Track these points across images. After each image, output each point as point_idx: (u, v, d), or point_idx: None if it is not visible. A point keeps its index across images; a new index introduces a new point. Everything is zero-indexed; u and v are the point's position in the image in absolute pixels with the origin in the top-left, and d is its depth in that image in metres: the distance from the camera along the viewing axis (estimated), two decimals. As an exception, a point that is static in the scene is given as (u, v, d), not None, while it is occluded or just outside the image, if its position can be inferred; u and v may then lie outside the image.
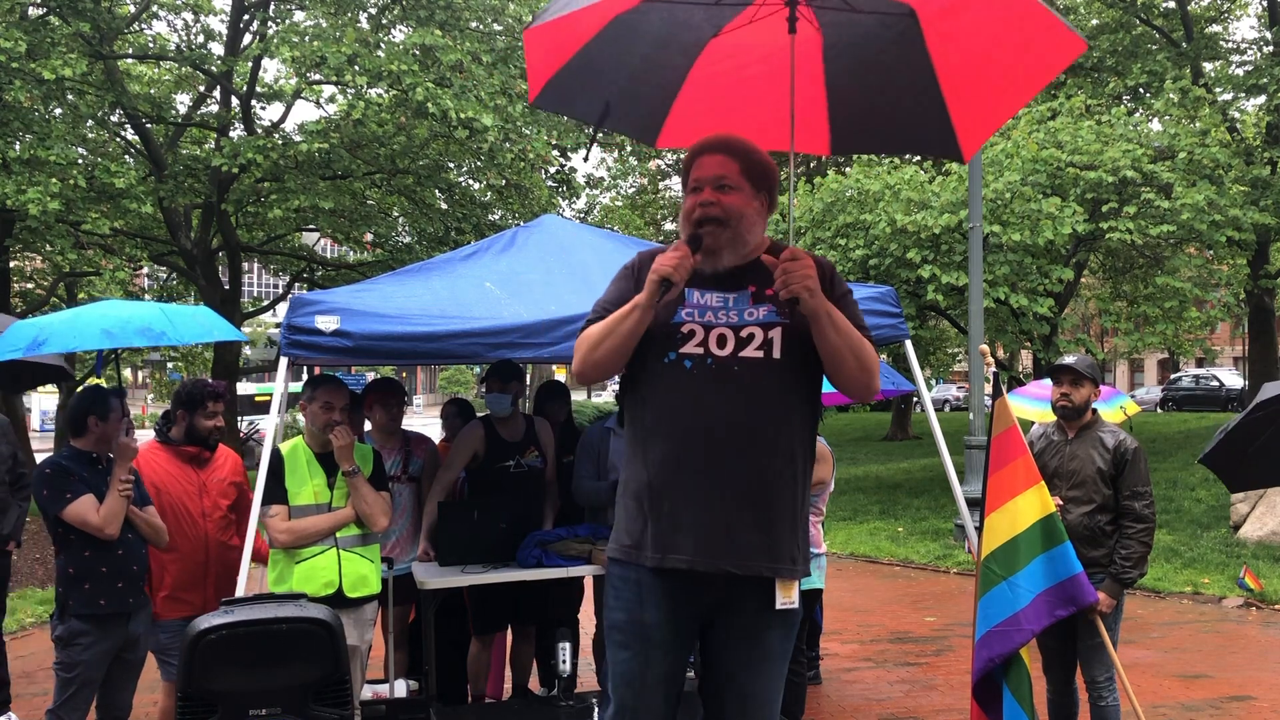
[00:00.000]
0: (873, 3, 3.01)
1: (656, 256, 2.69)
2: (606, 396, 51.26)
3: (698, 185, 2.73)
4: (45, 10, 14.21)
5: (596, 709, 4.73)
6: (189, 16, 17.12)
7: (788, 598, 2.69)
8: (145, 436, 4.89)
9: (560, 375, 18.08)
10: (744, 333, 2.69)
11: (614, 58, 3.12)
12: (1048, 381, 6.61)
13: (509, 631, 5.64)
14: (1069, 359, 4.47)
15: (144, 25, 16.70)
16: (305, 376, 5.39)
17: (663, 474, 2.65)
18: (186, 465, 4.64)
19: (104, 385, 4.76)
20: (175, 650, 4.44)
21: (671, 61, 3.23)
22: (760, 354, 2.67)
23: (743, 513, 2.63)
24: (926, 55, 3.02)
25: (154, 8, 16.46)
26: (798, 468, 2.71)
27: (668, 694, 2.74)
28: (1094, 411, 4.52)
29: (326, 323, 4.36)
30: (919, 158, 22.49)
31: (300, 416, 4.93)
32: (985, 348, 4.97)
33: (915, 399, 20.12)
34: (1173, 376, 38.93)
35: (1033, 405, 8.77)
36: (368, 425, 5.39)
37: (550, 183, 18.65)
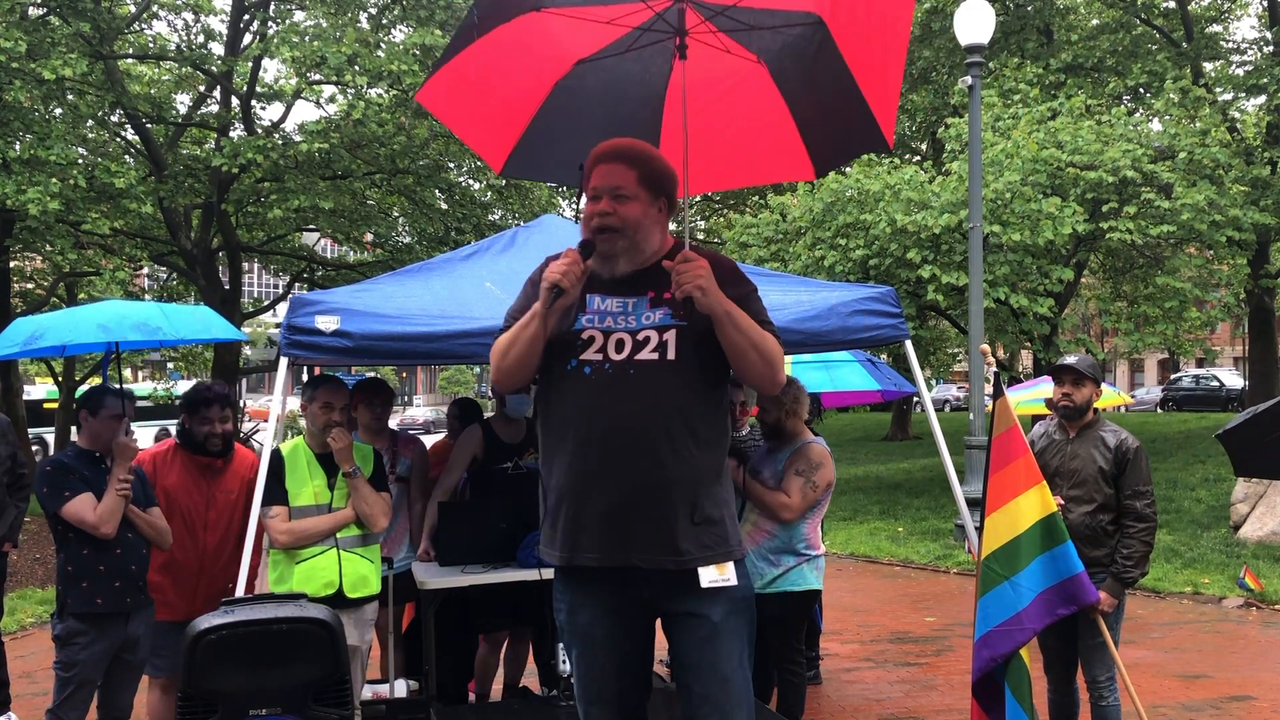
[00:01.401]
0: (772, 16, 3.07)
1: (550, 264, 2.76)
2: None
3: (595, 194, 2.80)
4: (45, 10, 14.21)
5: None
6: (189, 16, 17.13)
7: (720, 574, 2.76)
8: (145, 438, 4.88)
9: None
10: (640, 336, 2.76)
11: (571, 122, 3.22)
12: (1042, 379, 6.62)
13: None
14: (1070, 359, 4.47)
15: (144, 25, 16.71)
16: (305, 377, 5.39)
17: (568, 477, 2.76)
18: (198, 474, 4.59)
19: (106, 384, 4.76)
20: (160, 649, 4.44)
21: (637, 115, 3.30)
22: (655, 356, 2.74)
23: (639, 510, 2.71)
24: (840, 57, 3.08)
25: (154, 8, 16.47)
26: (699, 459, 2.76)
27: (622, 688, 2.85)
28: (1095, 411, 4.52)
29: (326, 323, 4.36)
30: (919, 157, 22.52)
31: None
32: (986, 347, 4.97)
33: (915, 399, 20.13)
34: (1173, 377, 38.94)
35: (1026, 392, 8.81)
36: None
37: (550, 183, 18.65)
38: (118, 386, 4.55)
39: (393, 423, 5.67)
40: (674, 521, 2.72)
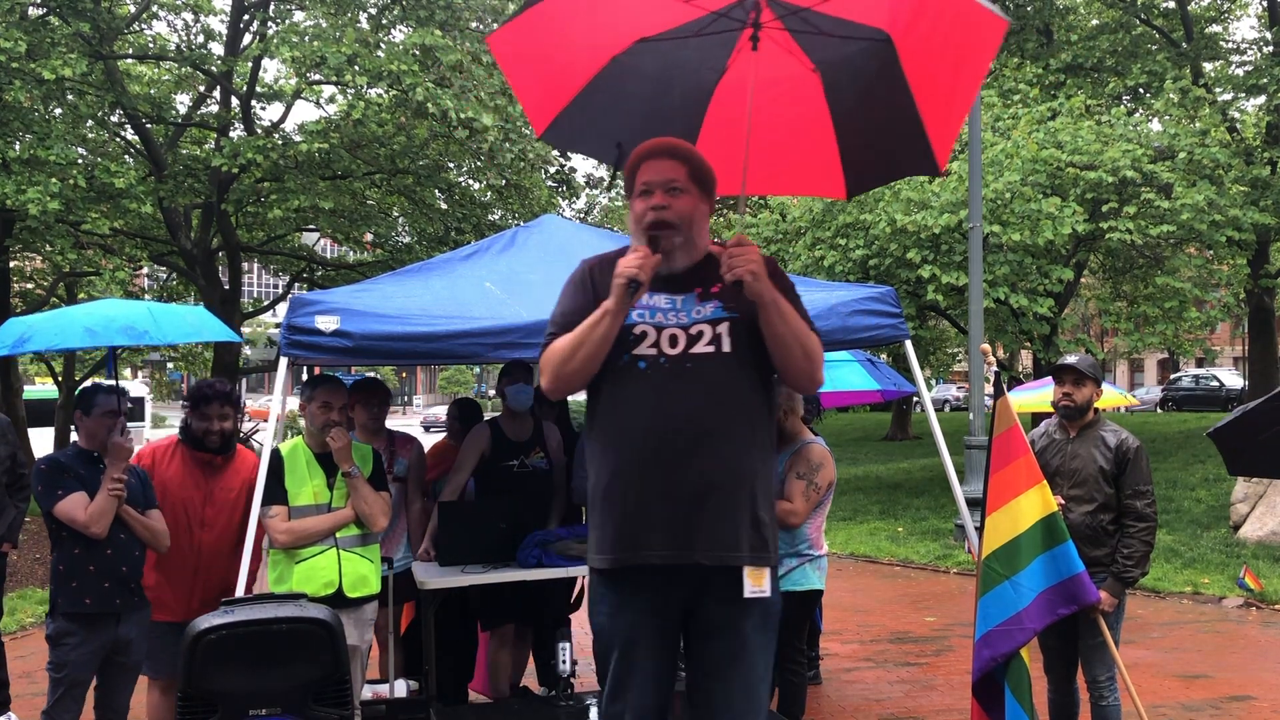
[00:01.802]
0: (842, 26, 3.01)
1: (617, 261, 2.72)
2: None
3: (648, 189, 2.77)
4: (45, 10, 14.20)
5: (594, 708, 4.73)
6: (189, 16, 17.12)
7: (757, 585, 2.73)
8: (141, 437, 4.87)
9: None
10: (693, 330, 2.76)
11: (617, 100, 3.17)
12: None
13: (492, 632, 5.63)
14: (1071, 359, 4.47)
15: (144, 25, 16.70)
16: (305, 376, 5.39)
17: (627, 473, 2.71)
18: (197, 470, 4.57)
19: (103, 383, 4.76)
20: (158, 651, 4.43)
21: (681, 107, 3.26)
22: (711, 349, 2.74)
23: (704, 505, 2.68)
24: (904, 78, 3.04)
25: (154, 8, 16.46)
26: (755, 457, 2.77)
27: (658, 693, 2.78)
28: (1096, 411, 4.52)
29: (326, 323, 4.36)
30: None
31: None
32: (986, 347, 4.97)
33: (915, 399, 20.13)
34: (1173, 377, 38.92)
35: (1032, 394, 8.81)
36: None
37: (550, 183, 18.66)
38: (111, 384, 4.55)
39: (415, 420, 5.67)
40: (737, 519, 2.71)
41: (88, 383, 15.54)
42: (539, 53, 3.06)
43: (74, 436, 4.45)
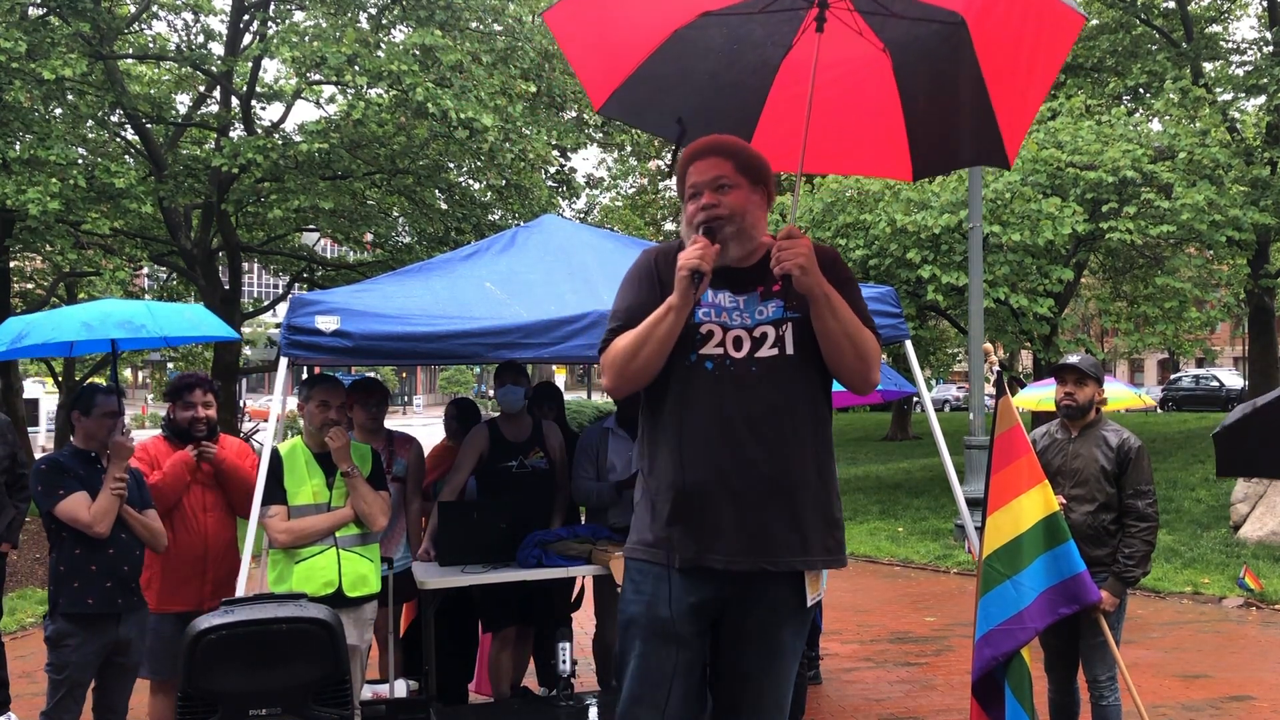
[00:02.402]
0: (914, 8, 2.95)
1: (678, 255, 2.67)
2: (606, 396, 51.16)
3: (696, 191, 2.73)
4: (45, 10, 14.19)
5: (593, 707, 4.73)
6: (189, 16, 17.12)
7: (814, 594, 2.75)
8: (144, 436, 4.88)
9: (560, 376, 18.04)
10: (757, 333, 2.71)
11: (680, 73, 3.10)
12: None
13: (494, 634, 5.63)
14: (1073, 358, 4.47)
15: (144, 25, 16.70)
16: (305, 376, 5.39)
17: (694, 475, 2.65)
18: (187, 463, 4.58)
19: (100, 383, 4.77)
20: (159, 649, 4.43)
21: (745, 82, 3.20)
22: (775, 351, 2.70)
23: (774, 510, 2.65)
24: (977, 64, 2.96)
25: (154, 8, 16.45)
26: (821, 461, 2.74)
27: (686, 689, 2.72)
28: (1098, 410, 4.52)
29: (326, 323, 4.36)
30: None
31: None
32: (989, 346, 4.98)
33: (915, 399, 20.12)
34: (1173, 377, 38.91)
35: (1038, 392, 8.81)
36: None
37: (550, 183, 18.66)
38: (109, 384, 4.55)
39: (416, 420, 5.68)
40: (806, 523, 2.68)
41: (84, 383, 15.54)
42: (598, 22, 2.99)
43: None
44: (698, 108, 3.16)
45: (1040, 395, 9.35)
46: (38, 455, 5.15)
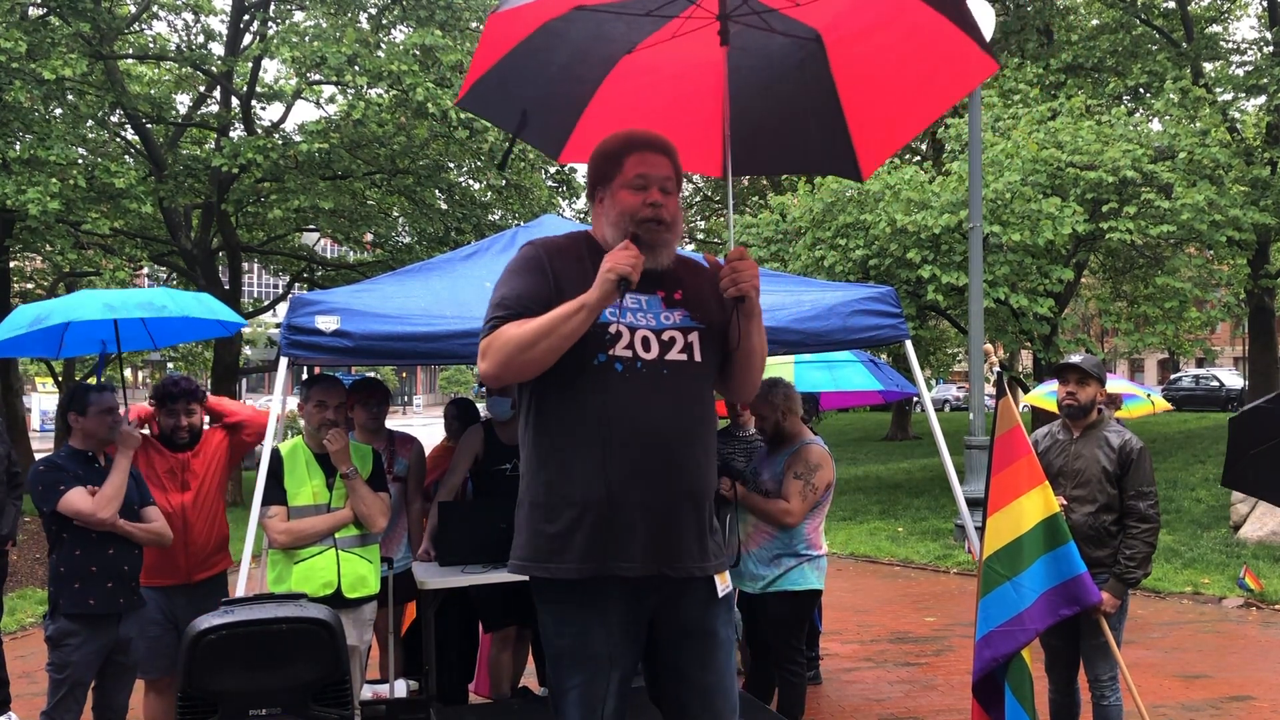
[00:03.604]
0: (784, 23, 3.04)
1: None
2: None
3: (644, 183, 2.66)
4: (45, 10, 14.20)
5: None
6: (189, 17, 17.15)
7: (725, 584, 2.74)
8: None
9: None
10: (664, 336, 2.67)
11: (535, 66, 3.08)
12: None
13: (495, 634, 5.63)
14: (1075, 358, 4.46)
15: (144, 25, 16.71)
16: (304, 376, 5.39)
17: (600, 481, 2.57)
18: (169, 463, 4.60)
19: (90, 384, 4.76)
20: (150, 647, 4.41)
21: (585, 74, 3.21)
22: (684, 357, 2.66)
23: (686, 516, 2.63)
24: (831, 79, 3.06)
25: (154, 8, 16.47)
26: (715, 465, 2.79)
27: (619, 706, 2.67)
28: (1099, 411, 4.51)
29: (326, 323, 4.36)
30: (919, 157, 22.50)
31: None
32: (989, 346, 4.97)
33: (915, 399, 20.12)
34: (1173, 377, 38.91)
35: (1043, 391, 8.82)
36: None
37: (550, 183, 18.66)
38: (99, 382, 4.54)
39: (416, 420, 5.68)
40: (702, 529, 2.67)
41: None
42: (500, 33, 3.01)
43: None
44: (539, 99, 3.16)
45: (1040, 393, 9.35)
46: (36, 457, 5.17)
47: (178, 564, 4.53)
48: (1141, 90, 20.03)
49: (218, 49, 16.55)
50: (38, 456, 4.84)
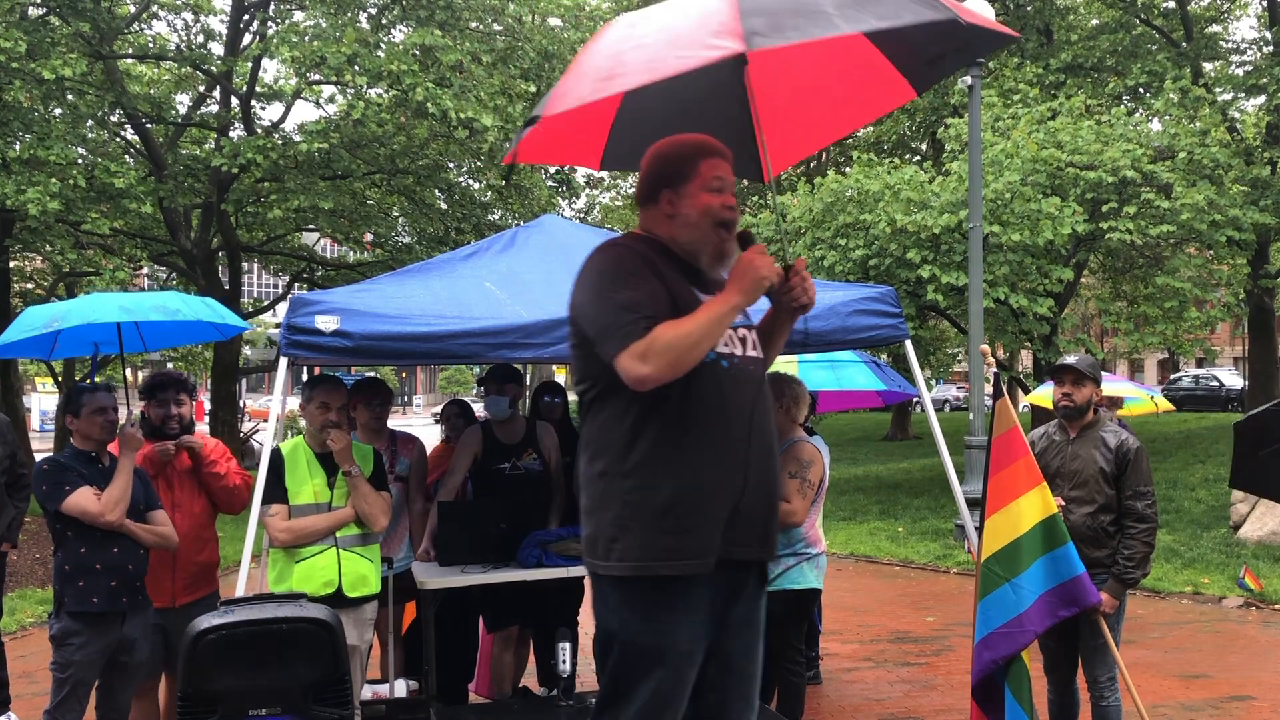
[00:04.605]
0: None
1: (750, 258, 2.65)
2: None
3: (721, 186, 2.76)
4: (45, 10, 14.20)
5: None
6: (189, 16, 17.14)
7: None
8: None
9: (560, 376, 18.06)
10: (739, 333, 2.79)
11: (643, 117, 3.25)
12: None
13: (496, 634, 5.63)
14: (1071, 359, 4.47)
15: (144, 25, 16.70)
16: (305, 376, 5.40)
17: (729, 473, 2.66)
18: (158, 460, 4.57)
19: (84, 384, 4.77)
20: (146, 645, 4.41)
21: (715, 102, 3.33)
22: (756, 353, 2.83)
23: (772, 505, 2.78)
24: (746, 87, 3.12)
25: (154, 8, 16.47)
26: None
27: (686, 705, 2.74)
28: (1096, 411, 4.52)
29: (326, 323, 4.36)
30: (918, 157, 22.50)
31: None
32: (986, 347, 4.97)
33: (915, 399, 20.13)
34: (1173, 376, 38.92)
35: (1047, 391, 8.81)
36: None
37: (550, 183, 18.67)
38: (91, 382, 4.55)
39: (416, 420, 5.67)
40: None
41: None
42: (556, 135, 3.17)
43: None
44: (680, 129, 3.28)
45: (1043, 393, 9.33)
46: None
47: (163, 586, 4.51)
48: (1141, 90, 20.03)
49: (217, 49, 16.55)
50: (38, 457, 4.83)
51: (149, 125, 16.38)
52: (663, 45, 2.52)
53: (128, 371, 5.56)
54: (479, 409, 6.33)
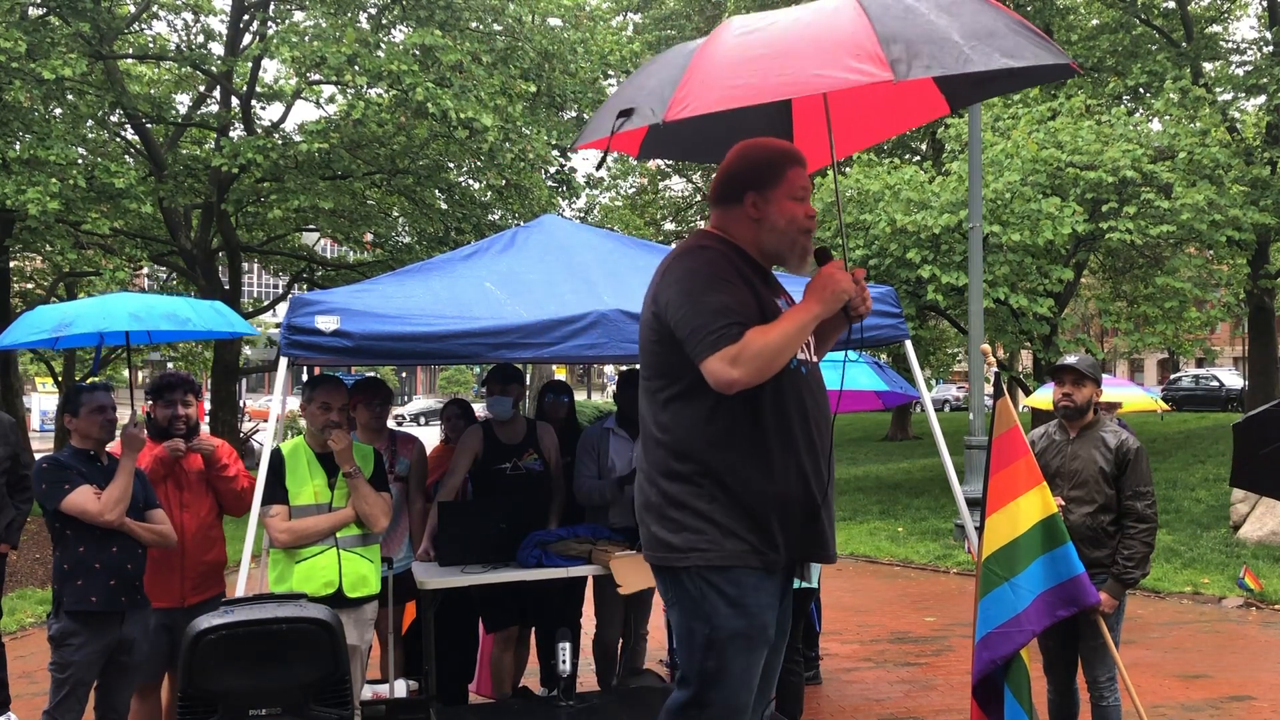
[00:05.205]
0: None
1: (831, 272, 2.73)
2: (606, 396, 51.23)
3: (805, 195, 2.85)
4: (45, 10, 14.19)
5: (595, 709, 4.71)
6: (189, 16, 17.12)
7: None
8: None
9: (560, 375, 18.06)
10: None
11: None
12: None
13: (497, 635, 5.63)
14: (1071, 359, 4.47)
15: (144, 25, 16.69)
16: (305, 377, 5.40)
17: (799, 475, 2.76)
18: (166, 460, 4.58)
19: (83, 384, 4.77)
20: (150, 646, 4.42)
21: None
22: (815, 358, 2.95)
23: (832, 507, 2.89)
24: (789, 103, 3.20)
25: (154, 8, 16.45)
26: None
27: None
28: (1096, 411, 4.52)
29: (326, 323, 4.36)
30: (918, 157, 22.50)
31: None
32: (986, 347, 4.97)
33: (915, 402, 20.12)
34: (1173, 376, 38.92)
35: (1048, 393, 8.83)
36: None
37: (550, 183, 18.64)
38: (90, 382, 4.55)
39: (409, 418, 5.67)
40: None
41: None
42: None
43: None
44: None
45: (1045, 395, 9.35)
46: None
47: (172, 586, 4.52)
48: (1141, 90, 20.02)
49: (217, 49, 16.54)
50: (38, 456, 4.83)
51: (149, 125, 16.37)
52: (797, 58, 2.52)
53: (127, 371, 5.57)
54: (479, 408, 6.34)
